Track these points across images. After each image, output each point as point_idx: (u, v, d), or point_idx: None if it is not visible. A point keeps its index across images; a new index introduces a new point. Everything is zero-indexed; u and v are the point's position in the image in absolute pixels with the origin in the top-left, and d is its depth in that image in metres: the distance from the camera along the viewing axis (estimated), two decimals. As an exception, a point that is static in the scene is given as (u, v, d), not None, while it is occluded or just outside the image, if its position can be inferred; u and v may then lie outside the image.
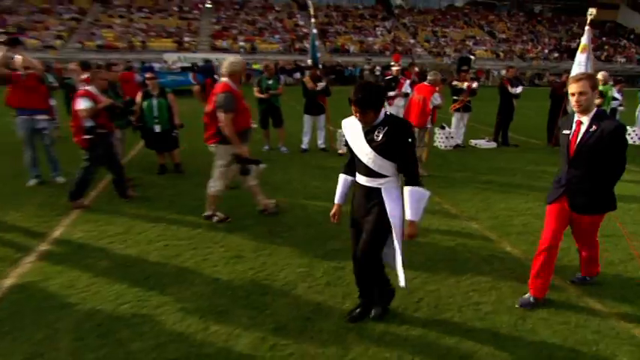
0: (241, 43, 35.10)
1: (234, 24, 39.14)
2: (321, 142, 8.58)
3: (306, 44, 34.57)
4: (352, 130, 2.86)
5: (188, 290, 3.46)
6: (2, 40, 5.66)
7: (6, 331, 2.95)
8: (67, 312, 3.15)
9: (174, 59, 26.39)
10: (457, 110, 9.39)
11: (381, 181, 2.79)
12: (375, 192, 2.82)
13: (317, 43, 9.04)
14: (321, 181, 6.49)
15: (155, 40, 34.06)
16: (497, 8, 52.92)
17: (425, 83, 6.98)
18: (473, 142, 9.81)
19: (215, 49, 33.25)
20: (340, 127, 5.40)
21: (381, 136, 2.67)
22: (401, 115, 8.16)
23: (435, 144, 9.30)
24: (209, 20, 39.12)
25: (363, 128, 2.78)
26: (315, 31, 8.93)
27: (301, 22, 40.50)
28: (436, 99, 6.74)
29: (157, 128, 6.59)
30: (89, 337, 2.89)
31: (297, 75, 29.65)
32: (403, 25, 43.99)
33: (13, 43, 5.61)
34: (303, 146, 8.50)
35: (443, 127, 9.40)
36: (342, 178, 3.09)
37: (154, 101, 6.53)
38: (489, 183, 6.69)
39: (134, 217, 4.99)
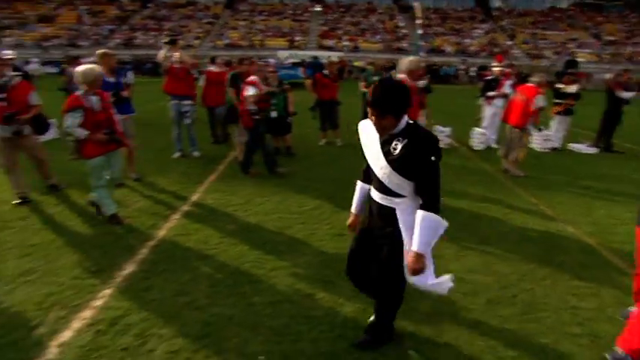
0: (345, 42, 35.12)
1: (339, 25, 39.24)
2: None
3: (405, 44, 33.57)
4: (368, 135, 2.27)
5: (299, 259, 3.61)
6: (165, 40, 6.36)
7: (161, 270, 3.35)
8: (204, 262, 3.49)
9: (286, 56, 27.25)
10: (558, 113, 8.47)
11: (397, 200, 2.20)
12: (390, 214, 2.23)
13: (420, 42, 8.68)
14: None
15: (271, 39, 35.44)
16: (606, 9, 46.23)
17: (529, 84, 6.38)
18: (571, 146, 8.80)
19: (322, 47, 33.70)
20: (439, 124, 5.02)
21: (399, 148, 2.07)
22: (499, 115, 7.60)
23: (530, 145, 8.52)
24: (318, 22, 39.66)
25: (381, 137, 2.19)
26: (420, 31, 8.58)
27: (401, 24, 39.33)
28: (540, 101, 6.13)
29: (274, 114, 6.87)
30: (220, 285, 3.17)
31: (393, 73, 28.94)
32: (501, 28, 40.61)
33: (172, 43, 6.27)
34: (400, 139, 8.31)
35: (540, 129, 8.55)
36: (360, 186, 2.54)
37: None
38: (589, 188, 5.97)
39: (253, 191, 5.31)
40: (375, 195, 2.30)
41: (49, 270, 3.40)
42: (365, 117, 7.90)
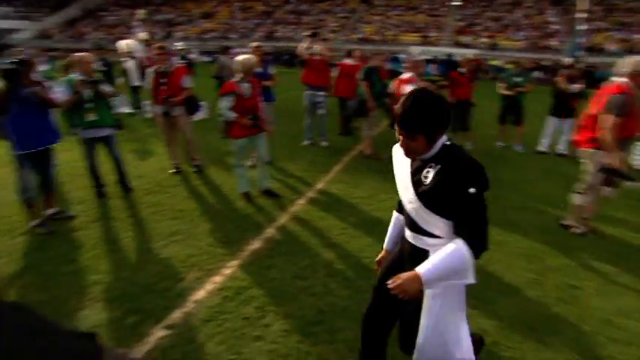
0: (483, 39, 32.61)
1: (478, 20, 36.53)
2: (562, 148, 7.20)
3: (554, 42, 29.73)
4: (400, 162, 1.83)
5: (418, 262, 3.45)
6: (307, 33, 6.67)
7: (283, 252, 3.53)
8: (324, 250, 3.55)
9: (418, 52, 26.44)
10: None
11: (430, 241, 1.74)
12: (422, 257, 1.72)
13: (580, 39, 7.51)
14: (560, 188, 5.46)
15: (404, 35, 34.76)
16: None
17: None
18: None
19: (457, 44, 31.90)
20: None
21: (430, 177, 1.64)
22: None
23: None
24: (454, 17, 37.54)
25: (412, 163, 1.75)
26: (583, 26, 7.40)
27: (551, 19, 34.85)
28: None
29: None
30: (338, 276, 3.19)
31: (536, 74, 25.88)
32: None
33: (314, 35, 6.55)
34: (542, 148, 7.30)
35: None
36: (394, 217, 2.11)
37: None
38: None
39: (377, 186, 5.24)
40: (407, 232, 1.87)
41: (192, 234, 3.85)
42: (503, 122, 7.17)
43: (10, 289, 3.01)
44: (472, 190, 1.55)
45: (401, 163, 1.81)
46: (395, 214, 2.10)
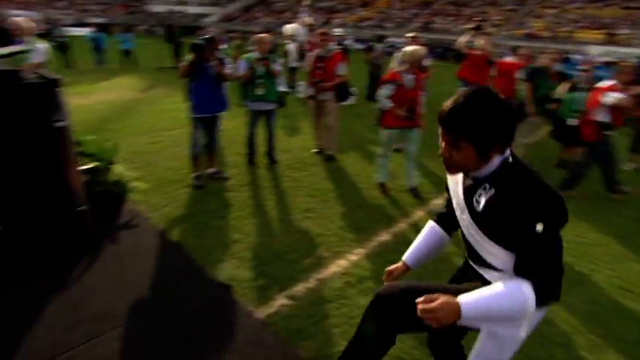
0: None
1: (696, 17, 29.00)
2: None
3: None
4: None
5: (569, 299, 2.92)
6: (472, 26, 6.17)
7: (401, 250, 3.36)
8: (453, 256, 3.25)
9: (600, 52, 22.39)
10: None
11: (493, 274, 1.40)
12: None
13: None
14: None
15: (581, 31, 29.76)
16: None
17: None
18: None
19: (656, 45, 25.94)
20: None
21: (482, 202, 1.30)
22: None
23: None
24: (660, 12, 30.46)
25: (465, 179, 1.39)
26: None
27: None
28: None
29: (572, 122, 5.71)
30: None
31: None
32: None
33: (478, 29, 6.01)
34: None
35: None
36: (429, 227, 1.75)
37: (581, 95, 5.62)
38: None
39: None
40: (469, 259, 1.58)
41: (324, 214, 3.97)
42: None
43: (173, 232, 3.54)
44: (539, 227, 1.20)
45: (454, 177, 1.48)
46: (430, 224, 1.78)
